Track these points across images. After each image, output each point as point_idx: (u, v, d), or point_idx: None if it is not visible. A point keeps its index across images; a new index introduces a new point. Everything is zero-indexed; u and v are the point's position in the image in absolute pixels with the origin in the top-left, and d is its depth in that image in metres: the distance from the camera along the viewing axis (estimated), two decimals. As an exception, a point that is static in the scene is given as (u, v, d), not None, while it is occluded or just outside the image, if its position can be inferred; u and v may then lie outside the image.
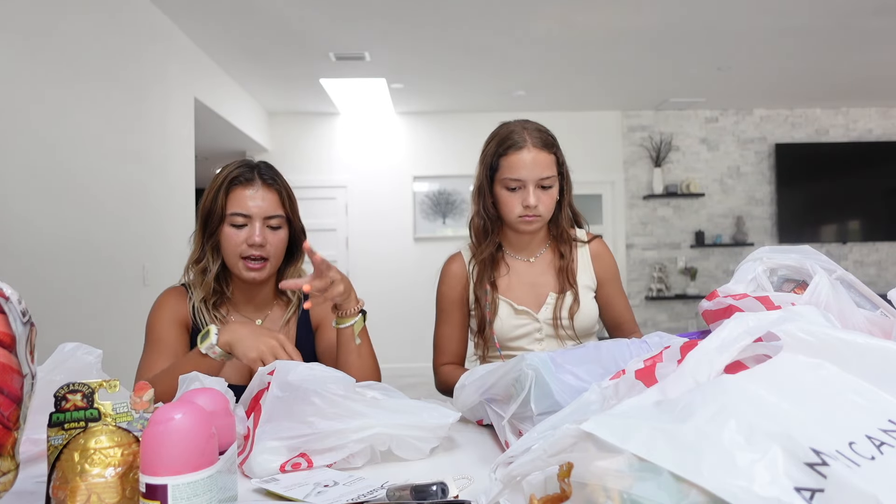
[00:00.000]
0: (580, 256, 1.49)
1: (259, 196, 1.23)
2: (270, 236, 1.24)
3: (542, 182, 1.38)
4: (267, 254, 1.23)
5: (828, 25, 4.12)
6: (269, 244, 1.23)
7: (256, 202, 1.23)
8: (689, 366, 0.56)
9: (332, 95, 5.52)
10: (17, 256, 2.34)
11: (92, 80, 2.90)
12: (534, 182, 1.37)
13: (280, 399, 0.85)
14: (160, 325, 1.26)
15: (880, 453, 0.42)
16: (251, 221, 1.22)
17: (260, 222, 1.23)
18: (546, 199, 1.40)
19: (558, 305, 1.42)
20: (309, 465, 0.84)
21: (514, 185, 1.38)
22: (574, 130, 6.14)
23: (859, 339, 0.52)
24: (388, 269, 6.22)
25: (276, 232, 1.25)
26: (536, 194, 1.37)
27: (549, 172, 1.38)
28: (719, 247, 6.30)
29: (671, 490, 0.42)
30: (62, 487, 0.59)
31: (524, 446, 0.58)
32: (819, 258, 0.86)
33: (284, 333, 1.34)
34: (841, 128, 6.38)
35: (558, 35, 4.21)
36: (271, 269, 1.26)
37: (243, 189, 1.23)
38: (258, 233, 1.21)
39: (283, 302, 1.36)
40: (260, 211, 1.23)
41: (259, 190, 1.24)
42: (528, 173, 1.37)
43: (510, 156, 1.38)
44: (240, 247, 1.22)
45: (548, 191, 1.40)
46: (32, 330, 0.70)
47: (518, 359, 0.91)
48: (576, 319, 1.42)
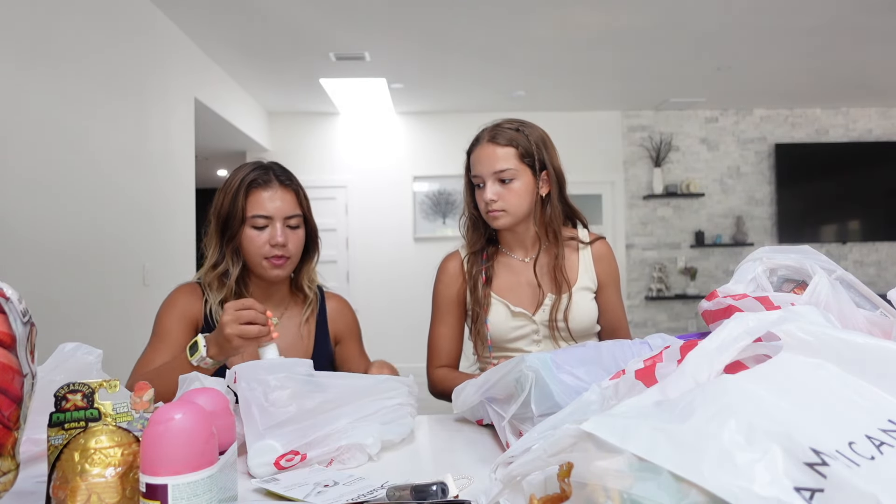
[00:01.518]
0: (581, 258, 1.46)
1: (278, 197, 1.26)
2: (291, 235, 1.27)
3: (499, 175, 1.36)
4: (288, 252, 1.27)
5: (828, 25, 4.12)
6: (290, 243, 1.27)
7: (276, 203, 1.25)
8: (689, 366, 0.56)
9: (332, 95, 5.53)
10: (17, 256, 2.34)
11: (92, 80, 2.90)
12: (490, 176, 1.36)
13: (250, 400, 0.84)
14: (169, 319, 1.27)
15: (880, 453, 0.42)
16: (272, 222, 1.25)
17: (281, 222, 1.25)
18: (508, 194, 1.36)
19: (555, 307, 1.40)
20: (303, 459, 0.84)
21: (476, 181, 1.40)
22: (574, 130, 6.14)
23: (859, 339, 0.52)
24: (388, 268, 6.22)
25: (296, 231, 1.29)
26: (494, 189, 1.36)
27: (505, 165, 1.35)
28: (719, 247, 6.30)
29: (671, 490, 0.42)
30: (62, 487, 0.59)
31: (524, 446, 0.58)
32: (819, 258, 0.86)
33: (305, 331, 1.36)
34: (841, 128, 6.38)
35: (558, 35, 4.21)
36: (291, 266, 1.30)
37: (262, 191, 1.26)
38: (280, 233, 1.25)
39: (300, 299, 1.38)
40: (280, 212, 1.25)
41: (277, 191, 1.27)
42: (483, 168, 1.37)
43: (472, 154, 1.42)
44: (263, 248, 1.25)
45: (509, 185, 1.36)
46: (32, 330, 0.70)
47: (518, 359, 0.91)
48: (571, 322, 1.39)
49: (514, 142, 1.37)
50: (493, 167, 1.36)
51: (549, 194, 1.42)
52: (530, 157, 1.38)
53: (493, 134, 1.38)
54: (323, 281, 1.46)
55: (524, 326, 1.41)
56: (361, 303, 6.22)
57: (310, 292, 1.38)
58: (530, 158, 1.38)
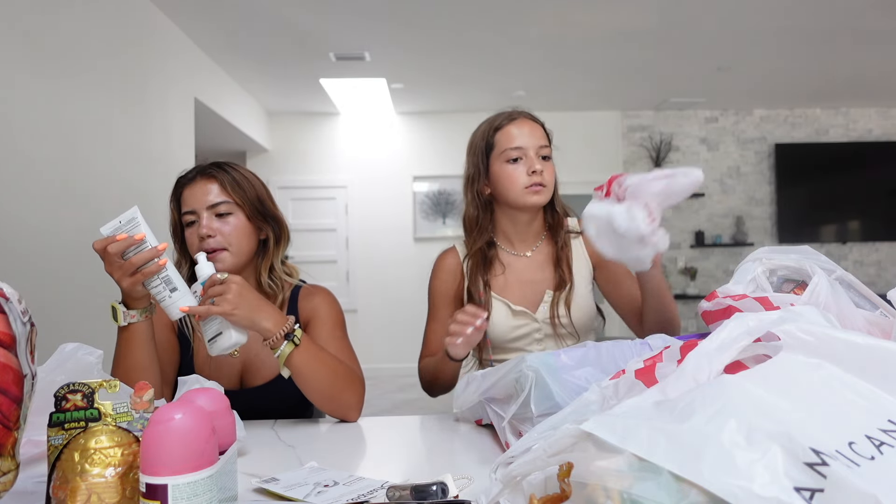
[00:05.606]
0: (575, 248, 1.44)
1: (198, 189, 1.22)
2: (220, 224, 1.20)
3: (541, 152, 1.36)
4: (219, 243, 1.19)
5: (828, 25, 4.12)
6: (220, 233, 1.20)
7: (196, 195, 1.21)
8: (689, 366, 0.56)
9: (333, 95, 5.53)
10: (17, 256, 2.34)
11: (92, 80, 2.90)
12: (535, 149, 1.35)
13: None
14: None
15: (880, 453, 0.43)
16: (198, 216, 1.20)
17: (206, 213, 1.20)
18: (548, 170, 1.36)
19: (555, 301, 1.37)
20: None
21: (515, 154, 1.35)
22: (574, 130, 6.14)
23: (859, 339, 0.53)
24: (388, 269, 6.22)
25: (226, 218, 1.21)
26: (540, 162, 1.35)
27: (545, 142, 1.37)
28: (719, 247, 6.30)
29: (671, 490, 0.42)
30: (62, 487, 0.59)
31: (524, 446, 0.58)
32: (818, 258, 0.86)
33: None
34: (841, 128, 6.38)
35: (558, 35, 4.21)
36: (233, 258, 1.21)
37: (187, 189, 1.23)
38: (204, 223, 1.19)
39: (268, 295, 1.29)
40: (201, 203, 1.20)
41: (198, 183, 1.23)
42: (528, 140, 1.35)
43: (507, 128, 1.37)
44: (196, 244, 1.20)
45: (547, 162, 1.37)
46: (32, 330, 0.70)
47: (518, 359, 0.91)
48: (574, 314, 1.37)
49: (543, 124, 1.41)
50: (540, 141, 1.36)
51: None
52: (551, 140, 1.41)
53: (530, 114, 1.41)
54: (308, 277, 1.39)
55: (525, 325, 1.38)
56: (361, 303, 6.23)
57: (278, 290, 1.28)
58: (551, 141, 1.41)
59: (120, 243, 1.01)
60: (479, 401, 1.03)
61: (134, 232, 1.02)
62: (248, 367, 1.28)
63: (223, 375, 1.25)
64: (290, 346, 1.07)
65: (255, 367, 1.27)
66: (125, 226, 1.03)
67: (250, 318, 1.05)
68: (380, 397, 5.00)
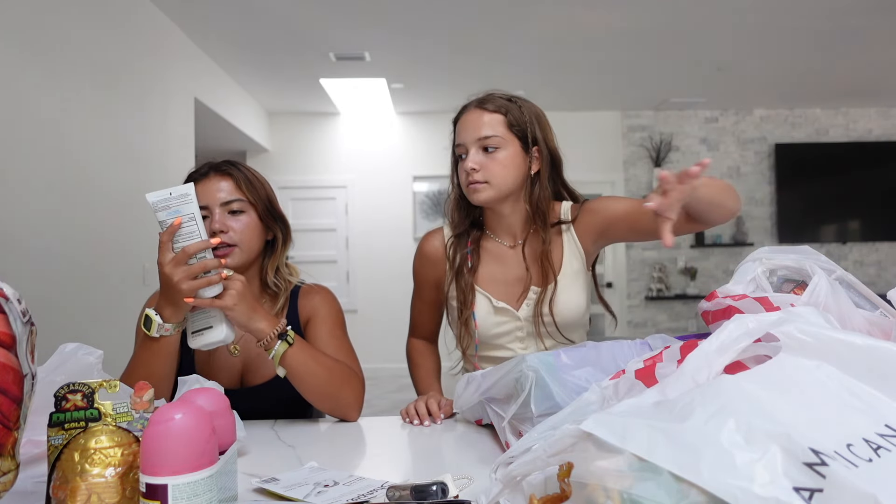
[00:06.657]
0: (566, 239, 1.33)
1: (212, 185, 1.21)
2: (232, 222, 1.20)
3: (483, 143, 1.25)
4: (231, 240, 1.19)
5: (827, 25, 4.11)
6: (233, 230, 1.20)
7: (210, 191, 1.21)
8: (688, 366, 0.56)
9: (333, 95, 5.53)
10: (17, 256, 2.34)
11: (92, 80, 2.90)
12: (473, 143, 1.25)
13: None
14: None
15: (877, 456, 0.43)
16: (211, 211, 1.20)
17: (219, 209, 1.20)
18: (491, 164, 1.24)
19: (540, 300, 1.28)
20: None
21: (459, 151, 1.31)
22: (574, 130, 6.13)
23: (858, 340, 0.53)
24: (388, 268, 6.21)
25: (238, 216, 1.21)
26: (477, 158, 1.25)
27: (490, 132, 1.24)
28: (719, 247, 6.30)
29: (671, 490, 0.42)
30: (62, 487, 0.59)
31: (524, 446, 0.58)
32: (818, 258, 0.86)
33: None
34: (841, 128, 6.38)
35: (558, 35, 4.21)
36: (242, 256, 1.21)
37: (199, 184, 1.22)
38: (217, 219, 1.19)
39: (270, 295, 1.31)
40: (214, 199, 1.20)
41: (212, 180, 1.22)
42: (466, 135, 1.27)
43: (458, 122, 1.33)
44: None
45: (493, 154, 1.25)
46: (32, 330, 0.70)
47: (518, 359, 0.91)
48: (558, 315, 1.28)
49: (503, 108, 1.26)
50: (478, 133, 1.25)
51: (538, 173, 1.30)
52: (520, 127, 1.26)
53: (482, 100, 1.28)
54: (308, 277, 1.39)
55: (506, 322, 1.32)
56: (361, 303, 6.22)
57: (280, 290, 1.29)
58: (520, 129, 1.26)
59: (173, 228, 1.02)
60: (479, 401, 1.03)
61: (184, 210, 1.03)
62: (249, 367, 1.28)
63: (223, 375, 1.25)
64: (284, 345, 1.09)
65: (255, 366, 1.27)
66: (174, 200, 1.03)
67: (248, 315, 1.07)
68: (380, 397, 5.00)
